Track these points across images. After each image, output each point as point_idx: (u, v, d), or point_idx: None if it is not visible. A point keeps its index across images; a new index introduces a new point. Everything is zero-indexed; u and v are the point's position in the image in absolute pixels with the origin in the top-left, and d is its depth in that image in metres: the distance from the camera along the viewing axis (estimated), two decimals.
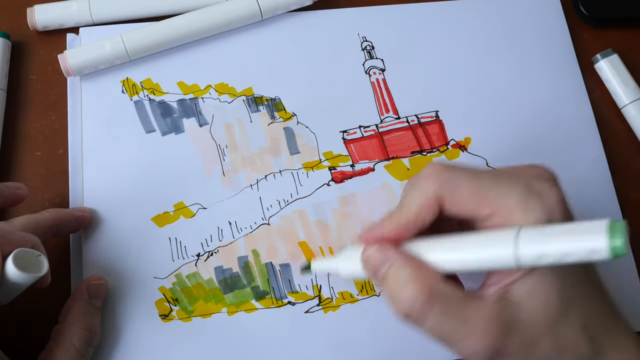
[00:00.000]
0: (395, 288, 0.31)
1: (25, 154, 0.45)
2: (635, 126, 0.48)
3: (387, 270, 0.31)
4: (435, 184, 0.31)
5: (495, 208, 0.30)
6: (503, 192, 0.30)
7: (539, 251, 0.27)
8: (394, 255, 0.31)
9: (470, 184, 0.31)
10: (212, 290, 0.42)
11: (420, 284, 0.30)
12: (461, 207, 0.31)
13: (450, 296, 0.30)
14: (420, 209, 0.31)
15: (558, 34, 0.50)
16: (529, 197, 0.30)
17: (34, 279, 0.34)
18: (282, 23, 0.48)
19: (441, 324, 0.30)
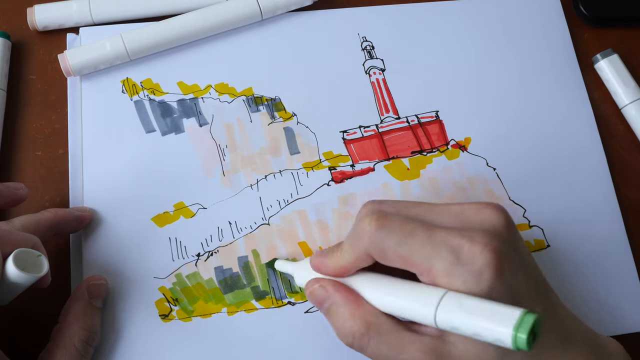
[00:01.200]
0: (337, 323, 0.34)
1: (25, 154, 0.45)
2: (635, 126, 0.48)
3: (329, 307, 0.34)
4: (366, 244, 0.32)
5: (422, 271, 0.31)
6: (430, 259, 0.31)
7: (454, 323, 0.29)
8: (334, 294, 0.34)
9: (398, 249, 0.31)
10: (212, 290, 0.42)
11: (358, 319, 0.33)
12: (391, 264, 0.32)
13: (387, 329, 0.32)
14: (355, 260, 0.34)
15: (558, 34, 0.50)
16: (455, 265, 0.30)
17: (34, 279, 0.34)
18: (282, 23, 0.48)
19: (380, 353, 0.32)
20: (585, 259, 0.44)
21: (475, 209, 0.32)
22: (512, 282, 0.31)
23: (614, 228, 0.45)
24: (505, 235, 0.31)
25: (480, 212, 0.32)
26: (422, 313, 0.30)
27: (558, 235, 0.45)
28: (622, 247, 0.45)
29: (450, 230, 0.31)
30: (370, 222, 0.32)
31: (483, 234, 0.31)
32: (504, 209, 0.33)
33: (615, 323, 0.43)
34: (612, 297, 0.44)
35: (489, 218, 0.32)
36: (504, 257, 0.30)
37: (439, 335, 0.31)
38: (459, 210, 0.33)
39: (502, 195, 0.45)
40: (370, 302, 0.33)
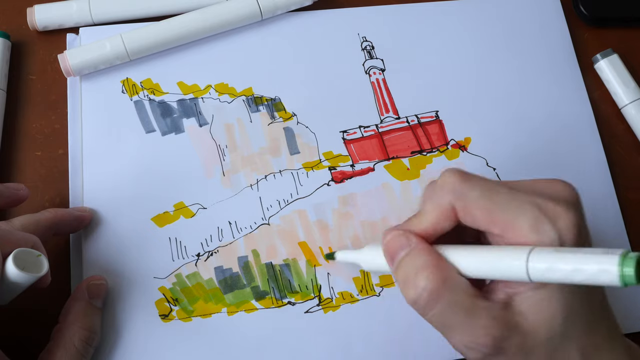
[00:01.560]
0: (410, 272, 0.31)
1: (25, 154, 0.45)
2: (635, 126, 0.48)
3: (405, 255, 0.32)
4: (449, 196, 0.31)
5: (506, 229, 0.30)
6: (515, 214, 0.30)
7: (548, 265, 0.28)
8: (416, 243, 0.32)
9: (481, 202, 0.31)
10: (212, 290, 0.42)
11: (436, 272, 0.31)
12: (474, 222, 0.31)
13: (461, 289, 0.30)
14: (437, 219, 0.32)
15: (558, 34, 0.50)
16: (541, 221, 0.30)
17: (34, 279, 0.34)
18: (282, 23, 0.48)
19: (445, 315, 0.31)
20: None
21: (548, 182, 0.32)
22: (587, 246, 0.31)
23: (614, 228, 0.45)
24: (578, 206, 0.31)
25: (553, 185, 0.32)
26: (512, 265, 0.29)
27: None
28: (622, 247, 0.45)
29: (531, 192, 0.31)
30: (453, 174, 0.31)
31: (566, 199, 0.31)
32: (572, 185, 0.32)
33: None
34: (612, 297, 0.43)
35: (563, 190, 0.32)
36: (583, 222, 0.31)
37: (508, 303, 0.30)
38: (533, 183, 0.32)
39: None
40: (452, 263, 0.31)
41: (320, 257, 0.43)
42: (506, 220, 0.30)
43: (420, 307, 0.31)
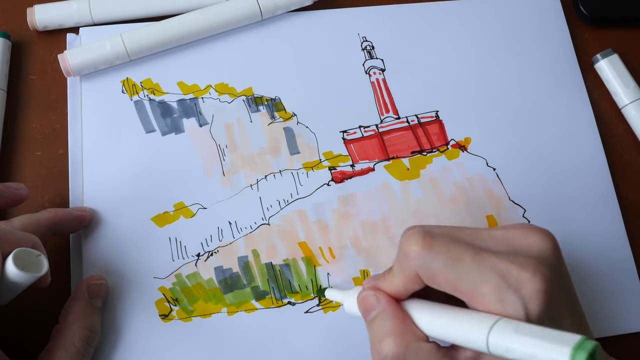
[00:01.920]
0: (377, 335, 0.32)
1: (25, 154, 0.45)
2: (635, 126, 0.48)
3: (376, 315, 0.33)
4: (413, 265, 0.31)
5: (471, 298, 0.30)
6: (478, 284, 0.30)
7: (507, 346, 0.28)
8: (385, 304, 0.33)
9: (445, 273, 0.30)
10: (212, 290, 0.42)
11: (398, 338, 0.31)
12: (441, 288, 0.31)
13: (425, 353, 0.31)
14: (405, 282, 0.33)
15: (558, 34, 0.50)
16: (504, 291, 0.29)
17: (34, 279, 0.34)
18: (282, 23, 0.48)
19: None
20: (585, 259, 0.44)
21: (521, 234, 0.32)
22: (557, 310, 0.30)
23: (614, 228, 0.45)
24: (553, 262, 0.31)
25: (526, 236, 0.31)
26: (473, 336, 0.29)
27: (558, 235, 0.44)
28: (622, 247, 0.45)
29: (498, 254, 0.30)
30: (417, 241, 0.31)
31: (532, 260, 0.30)
32: (550, 233, 0.32)
33: (616, 323, 0.43)
34: (612, 297, 0.44)
35: (536, 243, 0.31)
36: (552, 284, 0.30)
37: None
38: (505, 235, 0.32)
39: (502, 195, 0.45)
40: (418, 325, 0.32)
41: (321, 257, 0.43)
42: (470, 290, 0.30)
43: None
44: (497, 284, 0.29)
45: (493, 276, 0.29)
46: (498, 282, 0.29)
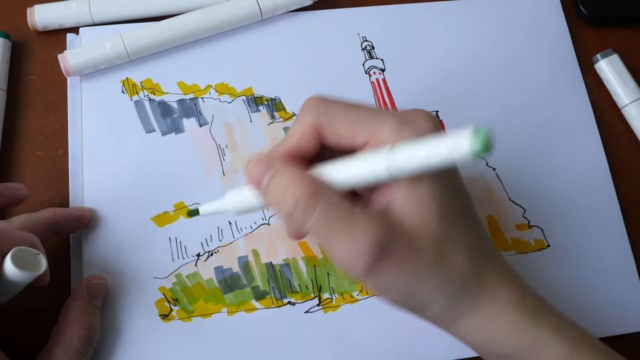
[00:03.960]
0: (280, 190, 0.31)
1: (25, 154, 0.45)
2: (635, 126, 0.48)
3: (271, 177, 0.31)
4: (312, 114, 0.32)
5: (370, 135, 0.31)
6: (377, 121, 0.31)
7: (407, 155, 0.28)
8: (277, 163, 0.31)
9: (345, 114, 0.32)
10: (212, 290, 0.42)
11: (304, 183, 0.30)
12: (339, 136, 0.32)
13: (336, 197, 0.30)
14: (301, 137, 0.32)
15: (558, 34, 0.50)
16: (402, 125, 0.31)
17: (33, 278, 0.34)
18: (282, 23, 0.48)
19: (325, 221, 0.30)
20: (585, 259, 0.44)
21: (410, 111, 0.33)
22: None
23: (614, 228, 0.45)
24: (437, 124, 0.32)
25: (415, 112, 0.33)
26: (373, 164, 0.29)
27: (558, 235, 0.45)
28: (622, 247, 0.45)
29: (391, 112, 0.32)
30: (316, 97, 0.32)
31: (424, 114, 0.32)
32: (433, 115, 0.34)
33: (616, 323, 0.43)
34: (612, 297, 0.44)
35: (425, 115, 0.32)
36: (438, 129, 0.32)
37: (387, 211, 0.31)
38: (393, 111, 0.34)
39: (502, 195, 0.45)
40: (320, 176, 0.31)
41: (321, 257, 0.43)
42: (369, 129, 0.31)
43: (298, 218, 0.30)
44: (394, 123, 0.31)
45: (390, 118, 0.31)
46: (395, 122, 0.31)
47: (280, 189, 0.30)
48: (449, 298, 0.32)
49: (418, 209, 0.30)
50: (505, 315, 0.32)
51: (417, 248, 0.30)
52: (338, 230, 0.30)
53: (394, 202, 0.31)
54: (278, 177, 0.31)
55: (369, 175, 0.30)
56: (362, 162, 0.30)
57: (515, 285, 0.33)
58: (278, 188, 0.31)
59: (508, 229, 0.44)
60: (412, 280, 0.31)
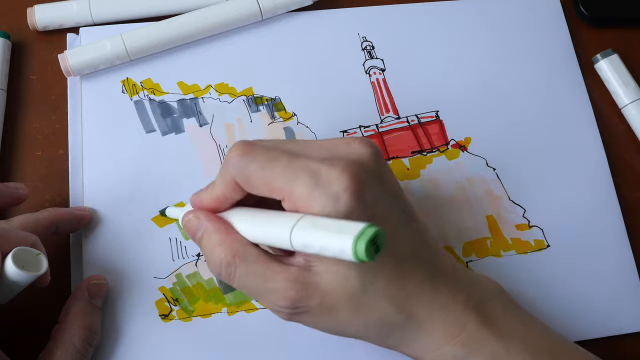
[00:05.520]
0: (207, 251, 0.34)
1: (25, 154, 0.45)
2: (635, 126, 0.48)
3: (201, 235, 0.34)
4: (231, 172, 0.33)
5: (285, 197, 0.32)
6: (289, 183, 0.31)
7: (305, 241, 0.29)
8: (206, 223, 0.34)
9: (259, 174, 0.32)
10: (212, 290, 0.42)
11: (226, 248, 0.33)
12: (258, 192, 0.33)
13: (254, 258, 0.33)
14: (225, 191, 0.34)
15: (558, 34, 0.50)
16: (313, 189, 0.30)
17: (33, 278, 0.34)
18: (282, 23, 0.48)
19: (247, 283, 0.33)
20: (585, 259, 0.44)
21: (346, 143, 0.33)
22: (373, 207, 0.32)
23: (614, 228, 0.45)
24: (369, 164, 0.32)
25: (349, 145, 0.33)
26: (280, 235, 0.30)
27: (558, 235, 0.45)
28: (622, 247, 0.45)
29: (313, 158, 0.32)
30: (235, 150, 0.33)
31: (344, 161, 0.31)
32: (373, 142, 0.34)
33: (616, 323, 0.43)
34: (612, 297, 0.44)
35: (357, 150, 0.33)
36: (362, 182, 0.31)
37: (306, 266, 0.32)
38: (331, 145, 0.33)
39: (502, 195, 0.45)
40: (239, 232, 0.34)
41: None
42: (282, 189, 0.31)
43: (225, 280, 0.34)
44: (307, 182, 0.31)
45: (304, 175, 0.31)
46: (308, 181, 0.31)
47: (207, 249, 0.34)
48: (376, 336, 0.34)
49: (333, 267, 0.32)
50: (438, 348, 0.34)
51: (332, 304, 0.32)
52: (257, 289, 0.33)
53: (311, 260, 0.32)
54: (205, 238, 0.34)
55: (279, 244, 0.31)
56: (271, 232, 0.32)
57: (453, 316, 0.33)
58: (206, 248, 0.34)
59: (508, 229, 0.44)
60: (333, 326, 0.33)
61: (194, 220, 0.35)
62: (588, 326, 0.42)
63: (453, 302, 0.34)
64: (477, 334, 0.33)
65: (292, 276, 0.32)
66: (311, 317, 0.33)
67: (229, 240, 0.33)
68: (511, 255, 0.44)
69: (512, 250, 0.44)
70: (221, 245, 0.33)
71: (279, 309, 0.33)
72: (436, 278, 0.34)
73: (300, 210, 0.31)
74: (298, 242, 0.30)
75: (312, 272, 0.32)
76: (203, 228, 0.34)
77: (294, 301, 0.32)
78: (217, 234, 0.34)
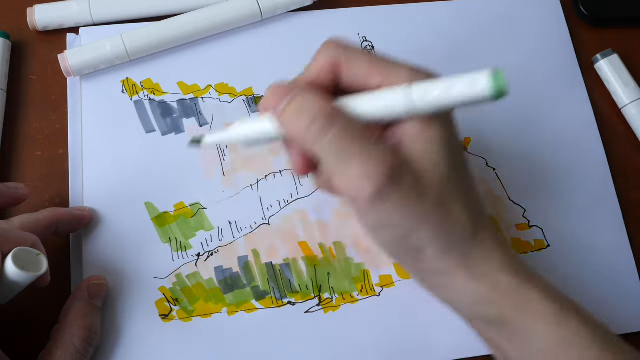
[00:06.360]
0: (298, 110, 0.31)
1: (25, 154, 0.45)
2: (635, 126, 0.48)
3: (291, 99, 0.31)
4: (331, 52, 0.33)
5: (385, 77, 0.31)
6: (394, 65, 0.32)
7: (425, 90, 0.29)
8: (297, 88, 0.32)
9: (363, 54, 0.32)
10: (212, 290, 0.42)
11: (325, 102, 0.31)
12: (355, 75, 0.32)
13: (353, 121, 0.31)
14: (319, 72, 0.33)
15: (558, 34, 0.50)
16: (417, 72, 0.31)
17: (34, 278, 0.34)
18: (282, 23, 0.48)
19: (340, 142, 0.30)
20: (585, 259, 0.44)
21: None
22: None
23: (614, 228, 0.45)
24: None
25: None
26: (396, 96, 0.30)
27: (558, 235, 0.45)
28: (622, 247, 0.45)
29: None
30: (337, 38, 0.33)
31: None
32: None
33: (615, 323, 0.43)
34: (612, 297, 0.44)
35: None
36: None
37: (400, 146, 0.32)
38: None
39: (502, 195, 0.45)
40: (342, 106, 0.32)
41: (321, 257, 0.43)
42: (385, 70, 0.32)
43: (312, 135, 0.30)
44: (410, 69, 0.31)
45: (405, 66, 0.32)
46: (410, 69, 0.31)
47: (297, 110, 0.31)
48: (444, 245, 0.32)
49: (429, 150, 0.31)
50: (496, 274, 0.32)
51: (423, 185, 0.31)
52: (352, 154, 0.30)
53: (406, 140, 0.31)
54: (297, 100, 0.31)
55: (387, 111, 0.31)
56: (381, 96, 0.31)
57: (505, 246, 0.33)
58: (296, 109, 0.31)
59: (508, 229, 0.44)
60: (412, 218, 0.31)
61: (280, 89, 0.32)
62: None
63: (507, 245, 0.34)
64: (530, 273, 0.33)
65: (391, 149, 0.31)
66: (399, 197, 0.30)
67: (326, 98, 0.31)
68: None
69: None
70: (317, 100, 0.31)
71: (370, 178, 0.30)
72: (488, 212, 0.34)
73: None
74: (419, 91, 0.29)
75: (405, 152, 0.31)
76: (293, 93, 0.31)
77: (393, 170, 0.30)
78: (312, 93, 0.31)
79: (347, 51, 0.33)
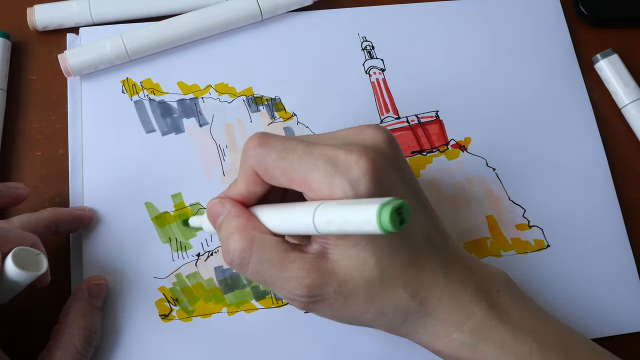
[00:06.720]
0: (224, 236, 0.33)
1: (25, 154, 0.45)
2: (635, 126, 0.48)
3: (222, 220, 0.34)
4: (251, 163, 0.33)
5: (304, 186, 0.31)
6: (308, 171, 0.31)
7: (328, 218, 0.28)
8: (230, 208, 0.34)
9: (278, 164, 0.32)
10: (212, 290, 0.42)
11: (244, 233, 0.32)
12: (278, 182, 0.33)
13: (271, 246, 0.32)
14: (247, 184, 0.34)
15: (558, 34, 0.50)
16: (332, 174, 0.30)
17: (34, 278, 0.34)
18: (282, 23, 0.48)
19: (261, 270, 0.32)
20: (585, 259, 0.44)
21: (359, 130, 0.33)
22: (390, 192, 0.31)
23: (614, 228, 0.45)
24: (385, 150, 0.32)
25: (362, 132, 0.33)
26: (302, 217, 0.30)
27: (558, 235, 0.45)
28: (622, 247, 0.45)
29: (329, 145, 0.31)
30: (252, 141, 0.33)
31: (361, 146, 0.31)
32: (386, 129, 0.34)
33: (616, 323, 0.43)
34: (612, 297, 0.44)
35: (371, 136, 0.33)
36: (381, 167, 0.31)
37: (323, 253, 0.32)
38: (344, 134, 0.34)
39: (502, 195, 0.45)
40: (261, 222, 0.33)
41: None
42: (302, 178, 0.31)
43: (236, 267, 0.33)
44: (326, 169, 0.30)
45: (322, 162, 0.31)
46: (326, 167, 0.30)
47: (225, 234, 0.33)
48: (390, 324, 0.34)
49: (350, 254, 0.32)
50: (448, 335, 0.34)
51: (349, 291, 0.32)
52: (272, 279, 0.32)
53: (328, 247, 0.32)
54: (225, 222, 0.34)
55: (301, 229, 0.31)
56: (293, 216, 0.31)
57: (463, 303, 0.33)
58: (225, 233, 0.33)
59: (508, 229, 0.44)
60: (349, 314, 0.33)
61: (218, 205, 0.34)
62: (588, 326, 0.42)
63: (463, 290, 0.34)
64: (485, 322, 0.33)
65: (309, 264, 0.32)
66: (327, 305, 0.32)
67: (248, 227, 0.33)
68: (511, 255, 0.44)
69: (512, 250, 0.44)
70: (239, 230, 0.33)
71: (295, 298, 0.32)
72: (448, 267, 0.34)
73: (318, 199, 0.31)
74: (321, 219, 0.29)
75: (329, 259, 0.32)
76: (225, 212, 0.34)
77: (311, 289, 0.31)
78: (237, 220, 0.33)
79: (263, 161, 0.32)
